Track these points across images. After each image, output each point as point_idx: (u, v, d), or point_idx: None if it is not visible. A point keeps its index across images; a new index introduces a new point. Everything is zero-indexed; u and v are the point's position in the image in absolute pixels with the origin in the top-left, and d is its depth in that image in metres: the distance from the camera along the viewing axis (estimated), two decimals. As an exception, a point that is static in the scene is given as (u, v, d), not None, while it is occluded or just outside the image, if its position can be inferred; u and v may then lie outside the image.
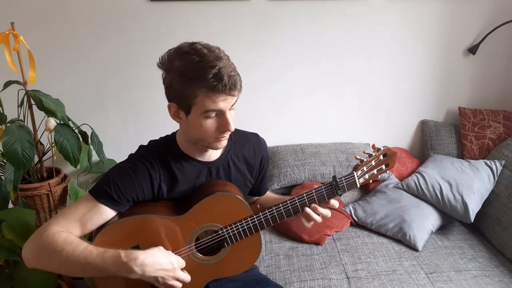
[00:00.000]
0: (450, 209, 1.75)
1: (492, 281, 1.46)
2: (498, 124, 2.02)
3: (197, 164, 1.07)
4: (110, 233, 0.98)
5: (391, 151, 1.09)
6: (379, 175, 1.10)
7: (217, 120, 0.96)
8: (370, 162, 1.08)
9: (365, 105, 2.16)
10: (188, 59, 0.91)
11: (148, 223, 0.99)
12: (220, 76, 0.89)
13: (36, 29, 1.86)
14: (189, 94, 0.92)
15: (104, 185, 0.97)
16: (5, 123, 1.62)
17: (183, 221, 1.01)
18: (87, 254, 0.89)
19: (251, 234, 1.05)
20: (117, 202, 0.98)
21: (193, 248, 1.04)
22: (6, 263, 1.60)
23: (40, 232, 0.93)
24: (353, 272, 1.51)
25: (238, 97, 0.96)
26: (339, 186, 1.05)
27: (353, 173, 1.07)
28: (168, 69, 0.95)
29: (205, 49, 0.92)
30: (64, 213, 0.96)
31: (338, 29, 2.00)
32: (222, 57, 0.93)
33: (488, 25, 2.03)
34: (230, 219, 1.03)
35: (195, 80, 0.90)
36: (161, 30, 1.93)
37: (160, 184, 1.03)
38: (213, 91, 0.90)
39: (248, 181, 1.18)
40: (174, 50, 0.95)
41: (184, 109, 0.96)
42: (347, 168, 1.97)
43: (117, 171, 1.00)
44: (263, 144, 1.20)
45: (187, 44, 0.95)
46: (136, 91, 2.02)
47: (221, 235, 1.04)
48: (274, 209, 1.05)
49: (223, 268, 1.08)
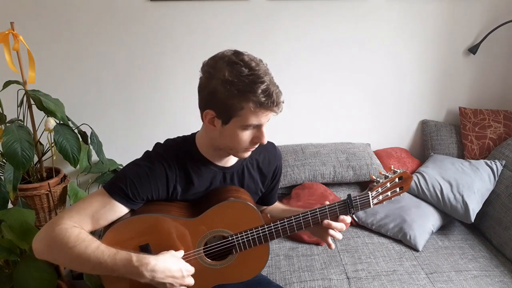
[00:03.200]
0: (450, 209, 1.75)
1: (493, 281, 1.45)
2: (498, 124, 2.02)
3: (214, 168, 1.07)
4: (121, 229, 0.97)
5: (407, 175, 1.10)
6: (392, 197, 1.11)
7: (253, 132, 0.96)
8: (385, 184, 1.09)
9: (365, 105, 2.16)
10: (238, 70, 0.89)
11: (160, 223, 0.99)
12: (269, 93, 0.89)
13: (36, 29, 1.86)
14: (235, 105, 0.91)
15: (119, 182, 0.96)
16: (4, 123, 1.62)
17: (195, 224, 1.01)
18: (98, 254, 0.89)
19: (260, 244, 1.05)
20: (132, 200, 0.97)
21: (202, 252, 1.04)
22: (6, 263, 1.60)
23: (53, 225, 0.92)
24: (354, 272, 1.51)
25: (278, 113, 0.97)
26: (353, 205, 1.06)
27: (368, 193, 1.08)
28: (212, 76, 0.92)
29: (253, 62, 0.91)
30: (77, 208, 0.96)
31: (338, 29, 2.00)
32: (268, 72, 0.93)
33: (488, 25, 2.03)
34: (241, 226, 1.03)
35: (245, 94, 0.89)
36: (161, 30, 1.93)
37: (175, 185, 1.03)
38: (260, 107, 0.90)
39: (259, 189, 1.18)
40: (220, 58, 0.93)
41: (222, 118, 0.95)
42: (347, 168, 1.97)
43: (134, 169, 0.99)
44: (279, 154, 1.21)
45: (233, 53, 0.93)
46: (136, 91, 2.02)
47: (231, 242, 1.03)
48: (286, 221, 1.05)
49: (228, 274, 1.08)
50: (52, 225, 0.92)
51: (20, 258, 1.48)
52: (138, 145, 1.06)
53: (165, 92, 2.03)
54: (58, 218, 0.93)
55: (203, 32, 1.94)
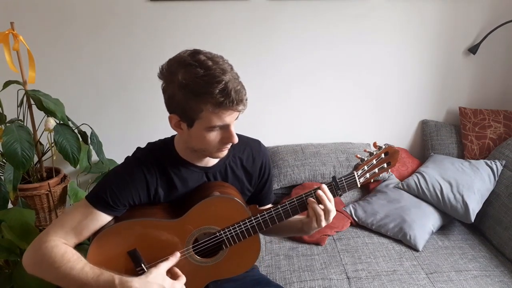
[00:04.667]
0: (450, 209, 1.75)
1: (493, 281, 1.45)
2: (498, 124, 2.02)
3: (195, 169, 1.06)
4: (107, 237, 0.98)
5: (393, 149, 1.08)
6: (380, 174, 1.08)
7: (220, 132, 0.94)
8: (371, 161, 1.06)
9: (365, 105, 2.16)
10: (193, 72, 0.87)
11: (145, 227, 0.99)
12: (227, 92, 0.86)
13: (36, 29, 1.86)
14: (193, 108, 0.89)
15: (100, 192, 0.97)
16: (4, 123, 1.62)
17: (180, 224, 1.01)
18: (82, 276, 0.89)
19: (249, 236, 1.04)
20: (113, 207, 0.97)
21: (191, 250, 1.03)
22: (6, 263, 1.60)
23: (40, 242, 0.93)
24: (354, 272, 1.51)
25: (243, 110, 0.94)
26: (339, 186, 1.04)
27: (353, 172, 1.05)
28: (169, 80, 0.91)
29: (209, 61, 0.88)
30: (61, 221, 0.97)
31: (338, 29, 2.00)
32: (227, 69, 0.89)
33: (488, 25, 2.03)
34: (228, 221, 1.02)
35: (201, 96, 0.87)
36: (161, 30, 1.93)
37: (156, 188, 1.02)
38: (220, 107, 0.87)
39: (246, 189, 1.16)
40: (175, 61, 0.91)
41: (186, 121, 0.94)
42: (347, 168, 1.97)
43: (113, 177, 1.00)
44: (263, 151, 1.17)
45: (189, 54, 0.90)
46: (136, 91, 2.02)
47: (219, 238, 1.03)
48: (273, 210, 1.04)
49: (222, 270, 1.08)
50: (38, 242, 0.93)
51: (20, 258, 1.48)
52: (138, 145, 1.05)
53: (165, 92, 2.03)
54: (44, 234, 0.94)
55: (203, 32, 1.94)
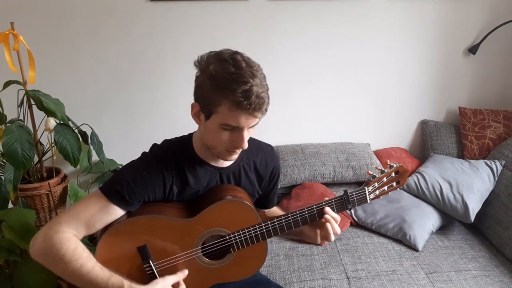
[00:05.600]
0: (450, 209, 1.75)
1: (492, 281, 1.46)
2: (498, 124, 2.02)
3: (210, 169, 1.07)
4: (118, 232, 0.98)
5: (404, 169, 1.10)
6: (389, 192, 1.11)
7: (232, 134, 0.95)
8: (382, 178, 1.08)
9: (365, 105, 2.16)
10: (225, 67, 0.89)
11: (157, 224, 0.99)
12: (248, 94, 0.87)
13: (36, 29, 1.86)
14: (214, 101, 0.91)
15: (116, 185, 0.96)
16: (5, 123, 1.62)
17: (192, 224, 1.01)
18: (92, 276, 0.90)
19: (258, 242, 1.05)
20: (129, 202, 0.97)
21: (199, 251, 1.04)
22: (6, 263, 1.60)
23: (51, 231, 0.92)
24: (353, 272, 1.51)
25: (260, 120, 0.94)
26: (350, 200, 1.06)
27: (365, 188, 1.07)
28: (203, 70, 0.94)
29: (243, 63, 0.90)
30: (74, 211, 0.96)
31: (338, 29, 2.00)
32: (257, 76, 0.90)
33: (488, 25, 2.03)
34: (238, 225, 1.03)
35: (223, 90, 0.88)
36: (161, 30, 1.93)
37: (172, 185, 1.03)
38: (237, 107, 0.88)
39: (256, 191, 1.18)
40: (214, 54, 0.94)
41: (205, 113, 0.95)
42: (347, 168, 1.97)
43: (131, 171, 1.00)
44: (276, 156, 1.20)
45: (229, 52, 0.93)
46: (136, 91, 2.02)
47: (228, 241, 1.04)
48: (283, 218, 1.04)
49: (227, 273, 1.08)
50: (50, 231, 0.92)
51: (20, 258, 1.48)
52: (138, 145, 1.05)
53: (165, 92, 2.03)
54: (56, 222, 0.93)
55: (203, 32, 1.95)
